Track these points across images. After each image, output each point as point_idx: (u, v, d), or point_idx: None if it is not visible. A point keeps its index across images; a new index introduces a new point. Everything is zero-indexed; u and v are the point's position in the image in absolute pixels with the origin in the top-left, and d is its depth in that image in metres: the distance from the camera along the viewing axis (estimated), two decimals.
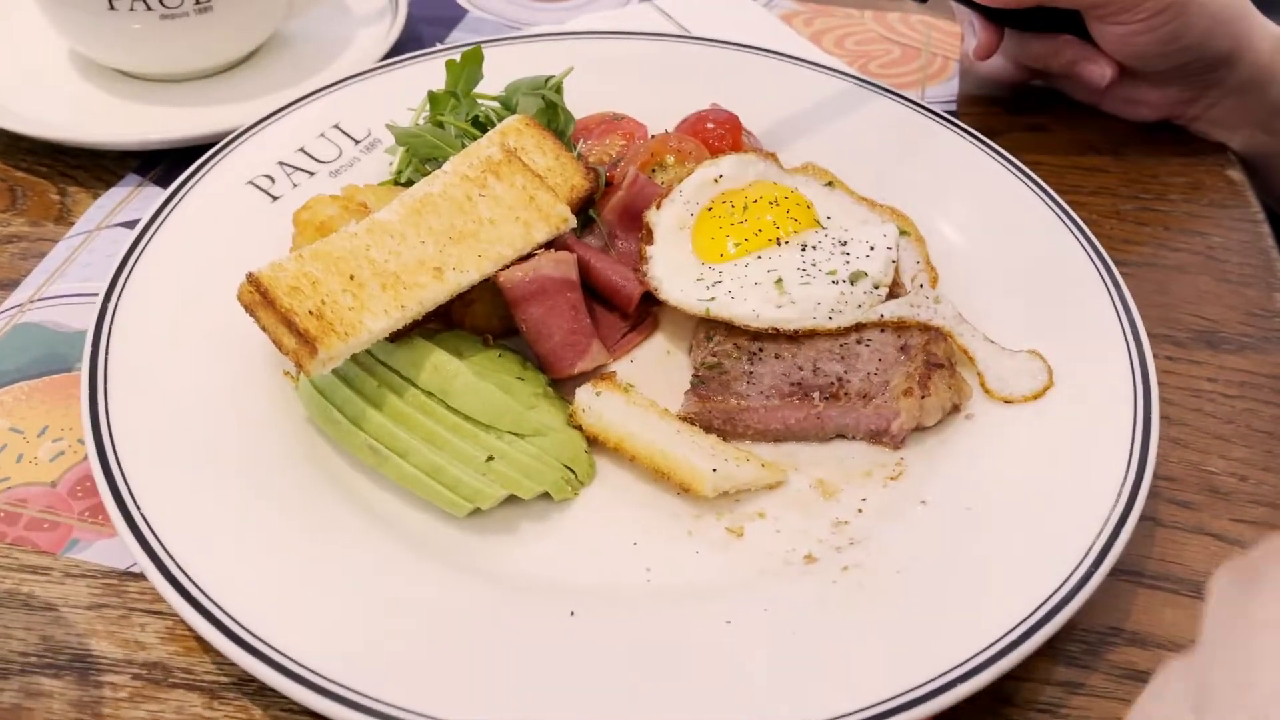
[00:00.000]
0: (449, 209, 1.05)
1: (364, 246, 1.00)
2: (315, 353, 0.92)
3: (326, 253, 0.99)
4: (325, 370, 0.94)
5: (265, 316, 0.95)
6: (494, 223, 1.06)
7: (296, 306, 0.93)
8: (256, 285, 0.94)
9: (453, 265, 1.02)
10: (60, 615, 0.93)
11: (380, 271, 0.99)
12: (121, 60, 1.44)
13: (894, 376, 1.04)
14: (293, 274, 0.96)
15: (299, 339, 0.93)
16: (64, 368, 1.12)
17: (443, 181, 1.07)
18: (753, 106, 1.37)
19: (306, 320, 0.93)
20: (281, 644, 0.83)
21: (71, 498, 1.01)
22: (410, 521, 0.97)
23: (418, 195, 1.06)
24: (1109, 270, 1.17)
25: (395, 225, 1.02)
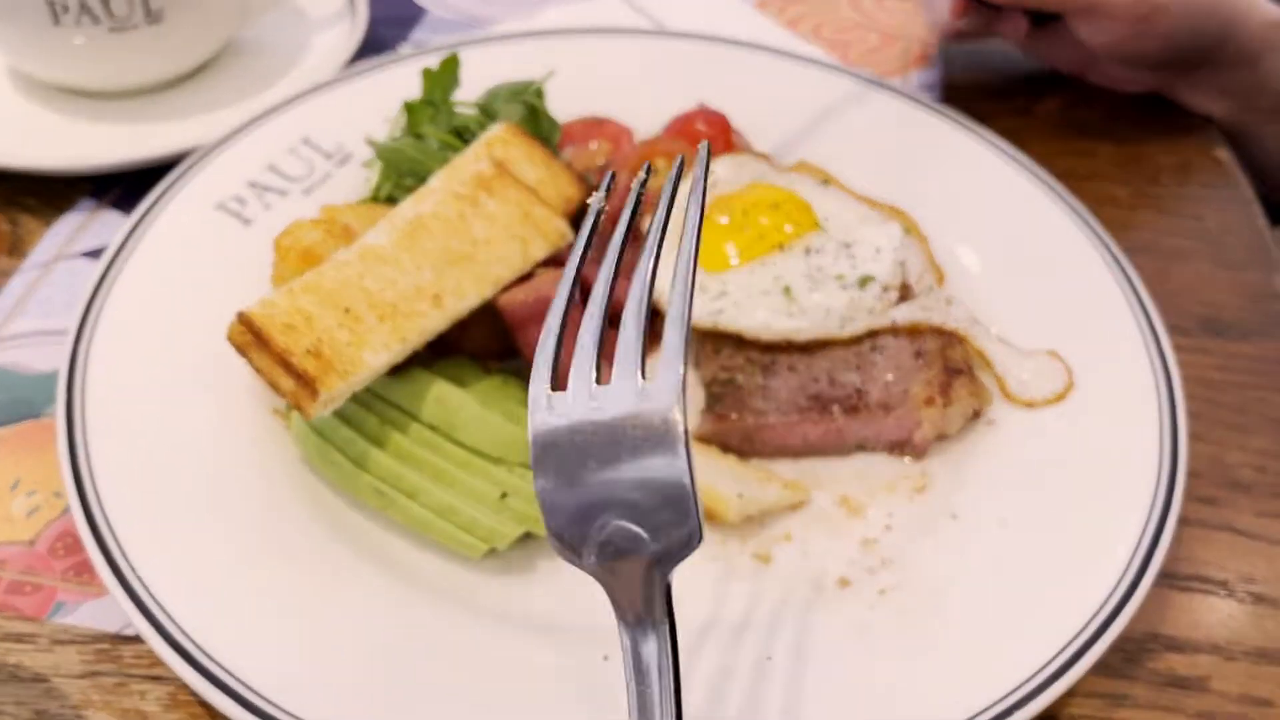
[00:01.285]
0: (442, 231, 0.99)
1: (357, 276, 0.94)
2: (316, 395, 0.86)
3: (318, 285, 0.93)
4: (326, 412, 0.88)
5: (259, 358, 0.89)
6: (490, 243, 1.00)
7: (293, 346, 0.87)
8: (249, 325, 0.88)
9: (451, 291, 0.97)
10: (53, 686, 0.86)
11: (377, 302, 0.93)
12: (67, 77, 1.36)
13: (913, 385, 1.01)
14: (285, 310, 0.90)
15: (297, 381, 0.87)
16: (31, 414, 1.05)
17: (433, 201, 1.01)
18: (737, 104, 1.32)
19: (304, 360, 0.87)
20: (297, 708, 0.78)
21: (52, 557, 0.95)
22: (420, 565, 0.92)
23: (408, 217, 1.00)
24: (1118, 261, 1.14)
25: (388, 251, 0.97)
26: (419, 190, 1.04)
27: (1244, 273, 1.27)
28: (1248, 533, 1.02)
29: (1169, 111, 1.49)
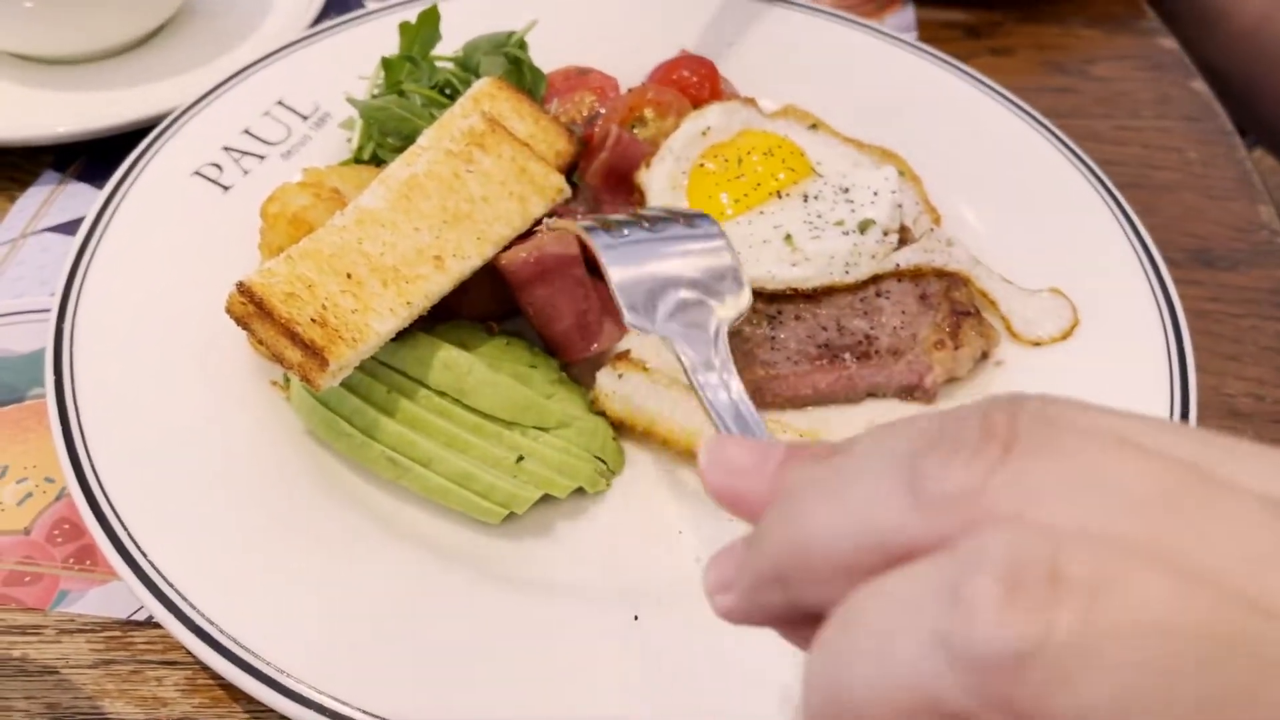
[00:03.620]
0: (438, 190, 0.96)
1: (356, 240, 0.91)
2: (325, 365, 0.83)
3: (316, 251, 0.89)
4: (335, 382, 0.85)
5: (263, 329, 0.85)
6: (487, 200, 0.97)
7: (297, 315, 0.84)
8: (249, 295, 0.84)
9: (452, 252, 0.94)
10: (63, 678, 0.83)
11: (378, 266, 0.90)
12: (21, 43, 1.29)
13: (922, 329, 1.00)
14: (285, 278, 0.86)
15: (305, 351, 0.83)
16: (13, 398, 1.01)
17: (426, 159, 0.98)
18: (718, 49, 1.30)
19: (310, 330, 0.84)
20: (320, 683, 0.76)
21: (50, 544, 0.91)
22: (436, 532, 0.89)
23: (401, 178, 0.96)
24: (1113, 195, 1.14)
25: (384, 213, 0.93)
26: (409, 149, 1.00)
27: (1229, 203, 1.28)
28: None
29: (1146, 47, 1.49)
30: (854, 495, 0.38)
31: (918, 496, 0.36)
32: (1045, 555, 0.32)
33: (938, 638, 0.33)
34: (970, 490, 0.35)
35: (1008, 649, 0.31)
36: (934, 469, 0.36)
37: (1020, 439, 0.36)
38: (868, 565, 0.37)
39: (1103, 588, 0.31)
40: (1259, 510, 0.34)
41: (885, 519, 0.37)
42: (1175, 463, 0.35)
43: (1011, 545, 0.33)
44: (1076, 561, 0.32)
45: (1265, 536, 0.33)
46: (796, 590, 0.40)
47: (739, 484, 0.46)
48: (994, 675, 0.31)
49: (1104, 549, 0.32)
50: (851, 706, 0.35)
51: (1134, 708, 0.31)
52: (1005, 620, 0.31)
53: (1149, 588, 0.32)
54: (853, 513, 0.38)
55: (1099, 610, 0.31)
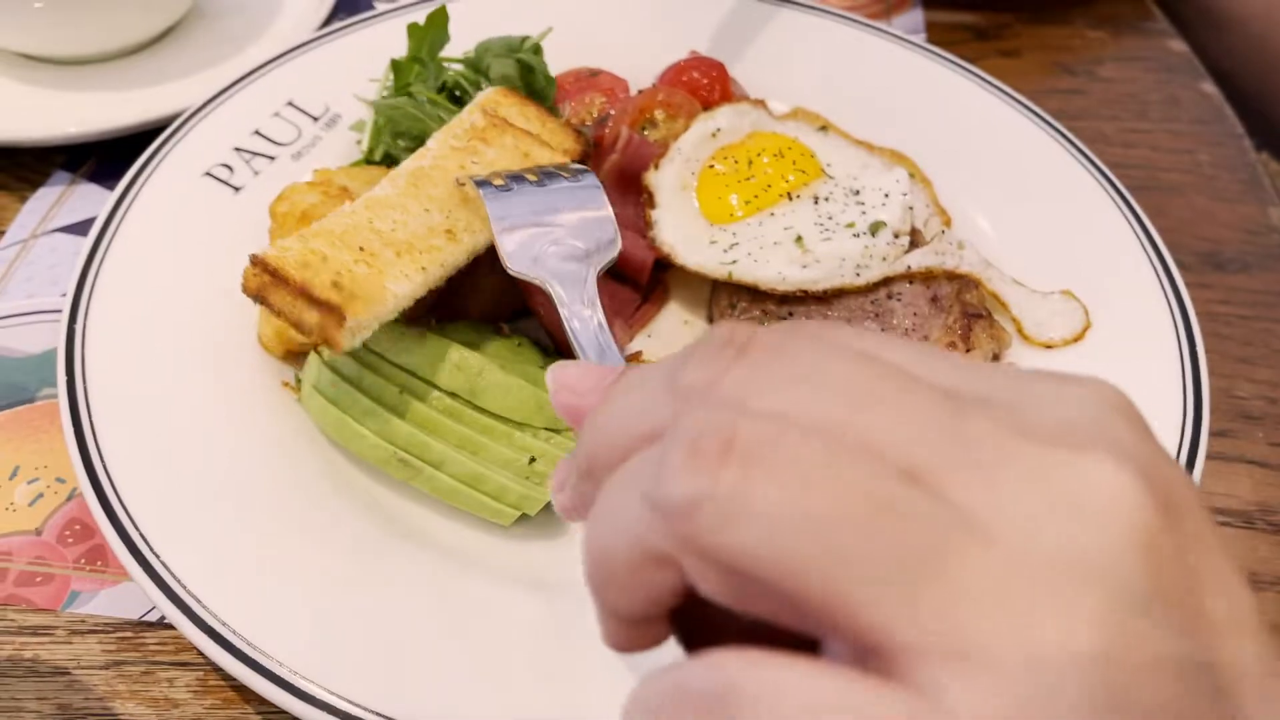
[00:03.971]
0: (445, 178, 0.97)
1: (367, 220, 0.91)
2: (343, 321, 0.83)
3: (329, 230, 0.89)
4: (355, 342, 0.85)
5: (279, 297, 0.85)
6: None
7: (312, 279, 0.84)
8: (263, 266, 0.85)
9: (464, 227, 0.94)
10: (75, 679, 0.83)
11: (391, 240, 0.90)
12: (30, 43, 1.29)
13: (933, 331, 1.00)
14: (299, 252, 0.87)
15: (322, 311, 0.83)
16: (24, 398, 1.01)
17: (432, 155, 0.99)
18: (727, 51, 1.30)
19: (327, 290, 0.84)
20: (333, 684, 0.76)
21: (61, 545, 0.91)
22: (446, 533, 0.89)
23: (409, 170, 0.97)
24: (1124, 197, 1.14)
25: (394, 199, 0.94)
26: (416, 152, 1.01)
27: (1239, 206, 1.28)
28: (1264, 463, 1.03)
29: (1155, 49, 1.49)
30: (636, 393, 0.46)
31: (670, 389, 0.44)
32: (725, 427, 0.39)
33: (643, 494, 0.40)
34: (706, 382, 0.42)
35: (683, 497, 0.38)
36: (682, 369, 0.44)
37: (755, 345, 0.43)
38: (634, 450, 0.44)
39: (766, 452, 0.38)
40: (937, 400, 0.40)
41: (648, 412, 0.44)
42: (881, 364, 0.41)
43: (701, 420, 0.40)
44: (749, 431, 0.39)
45: (933, 418, 0.39)
46: (600, 479, 0.46)
47: (578, 401, 0.53)
48: (676, 519, 0.39)
49: (779, 424, 0.39)
50: (601, 562, 0.43)
51: (779, 547, 0.37)
52: (684, 476, 0.38)
53: (805, 452, 0.38)
54: (629, 409, 0.46)
55: (756, 467, 0.38)
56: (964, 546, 0.36)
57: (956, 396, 0.41)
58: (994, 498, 0.38)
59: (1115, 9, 1.57)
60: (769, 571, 0.37)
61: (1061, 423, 0.40)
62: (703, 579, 0.40)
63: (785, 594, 0.38)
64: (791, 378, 0.41)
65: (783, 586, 0.37)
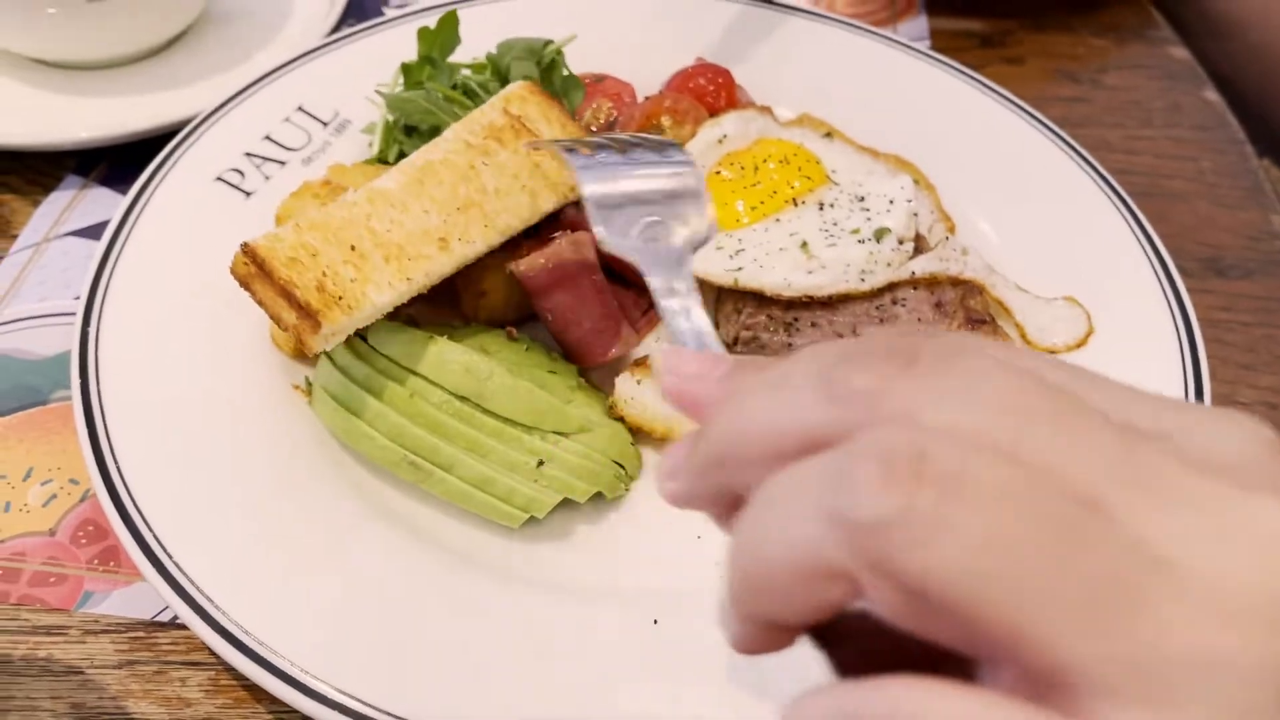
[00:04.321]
0: (452, 178, 0.98)
1: (364, 216, 0.93)
2: (318, 327, 0.86)
3: (325, 222, 0.91)
4: (328, 346, 0.88)
5: (262, 290, 0.88)
6: (500, 192, 0.99)
7: (296, 279, 0.87)
8: (252, 256, 0.87)
9: (458, 236, 0.95)
10: (88, 678, 0.84)
11: (383, 242, 0.92)
12: (44, 49, 1.31)
13: None
14: (290, 244, 0.89)
15: (300, 313, 0.86)
16: (38, 400, 1.02)
17: (444, 149, 1.00)
18: (733, 57, 1.31)
19: (308, 293, 0.86)
20: (345, 684, 0.77)
21: (75, 545, 0.92)
22: (455, 535, 0.90)
23: (418, 163, 0.98)
24: (1126, 204, 1.15)
25: (396, 194, 0.95)
26: (432, 141, 1.02)
27: (1242, 212, 1.29)
28: None
29: (1158, 56, 1.50)
30: (782, 392, 0.45)
31: (829, 394, 0.43)
32: (916, 445, 0.39)
33: (827, 509, 0.40)
34: (872, 391, 0.42)
35: (877, 515, 0.38)
36: (846, 373, 0.43)
37: (922, 357, 0.43)
38: (787, 451, 0.44)
39: (958, 472, 0.38)
40: (1105, 425, 0.40)
41: (802, 411, 0.44)
42: (1048, 385, 0.42)
43: (890, 437, 0.40)
44: (940, 452, 0.39)
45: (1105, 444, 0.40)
46: (731, 472, 0.46)
47: (691, 387, 0.52)
48: (866, 537, 0.38)
49: (966, 444, 0.39)
50: (762, 570, 0.42)
51: (971, 572, 0.37)
52: (877, 494, 0.38)
53: (995, 474, 0.38)
54: (779, 405, 0.45)
55: (952, 490, 0.38)
56: (1152, 582, 0.37)
57: (1123, 422, 0.41)
58: (1173, 531, 0.38)
59: (1118, 16, 1.58)
60: (958, 596, 0.37)
61: (1227, 460, 0.40)
62: (882, 598, 0.39)
63: (970, 619, 0.38)
64: (961, 393, 0.41)
65: (969, 612, 0.37)
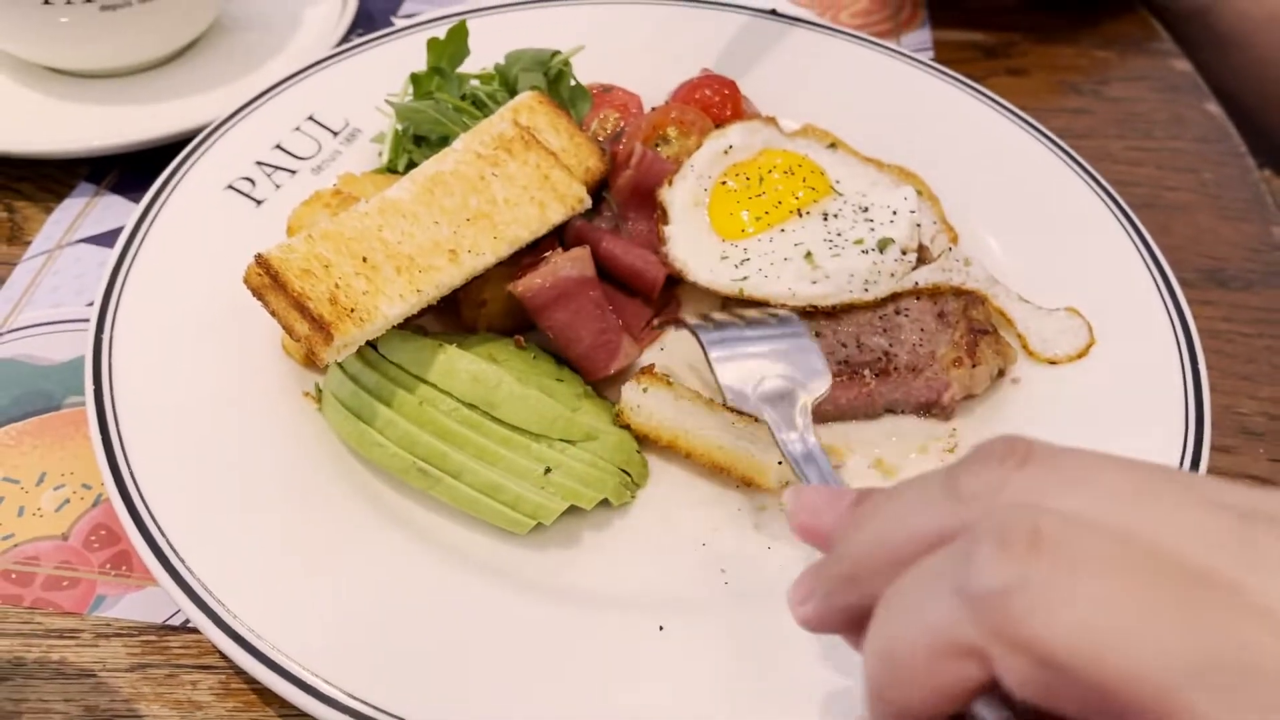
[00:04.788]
0: (462, 188, 0.99)
1: (376, 227, 0.94)
2: (331, 339, 0.87)
3: (337, 233, 0.93)
4: (339, 357, 0.89)
5: (275, 301, 0.89)
6: (509, 203, 1.00)
7: (309, 290, 0.88)
8: (266, 267, 0.89)
9: (468, 247, 0.97)
10: (100, 681, 0.86)
11: (394, 254, 0.93)
12: (58, 58, 1.32)
13: (940, 346, 1.02)
14: (303, 255, 0.90)
15: (313, 324, 0.88)
16: (50, 406, 1.03)
17: (454, 159, 1.01)
18: (738, 69, 1.32)
19: (321, 305, 0.88)
20: (355, 688, 0.78)
21: (87, 550, 0.93)
22: (463, 541, 0.92)
23: (429, 173, 1.00)
24: (1127, 216, 1.16)
25: (407, 205, 0.96)
26: (443, 150, 1.03)
27: (1243, 224, 1.30)
28: (1266, 479, 1.04)
29: (1160, 69, 1.51)
30: (908, 503, 0.49)
31: (954, 495, 0.46)
32: (1031, 520, 0.42)
33: (954, 589, 0.42)
34: (994, 486, 0.45)
35: (998, 585, 0.40)
36: (965, 475, 0.47)
37: (1035, 454, 0.46)
38: (915, 555, 0.47)
39: (1072, 547, 0.41)
40: (1219, 508, 0.43)
41: (927, 515, 0.47)
42: (1163, 474, 0.45)
43: (1006, 517, 0.42)
44: (1054, 525, 0.41)
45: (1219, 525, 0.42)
46: (867, 584, 0.49)
47: (817, 522, 0.56)
48: (989, 608, 0.41)
49: (1075, 521, 0.42)
50: (896, 657, 0.44)
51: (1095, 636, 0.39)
52: (996, 566, 0.41)
53: (1110, 547, 0.41)
54: (908, 514, 0.48)
55: (1066, 558, 0.40)
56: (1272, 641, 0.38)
57: (1235, 508, 0.43)
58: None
59: (1121, 29, 1.59)
60: (1083, 660, 0.39)
61: None
62: (1011, 670, 0.40)
63: (1097, 686, 0.39)
64: (1075, 483, 0.44)
65: (1095, 677, 0.39)
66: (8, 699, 0.84)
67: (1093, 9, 1.60)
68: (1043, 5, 1.59)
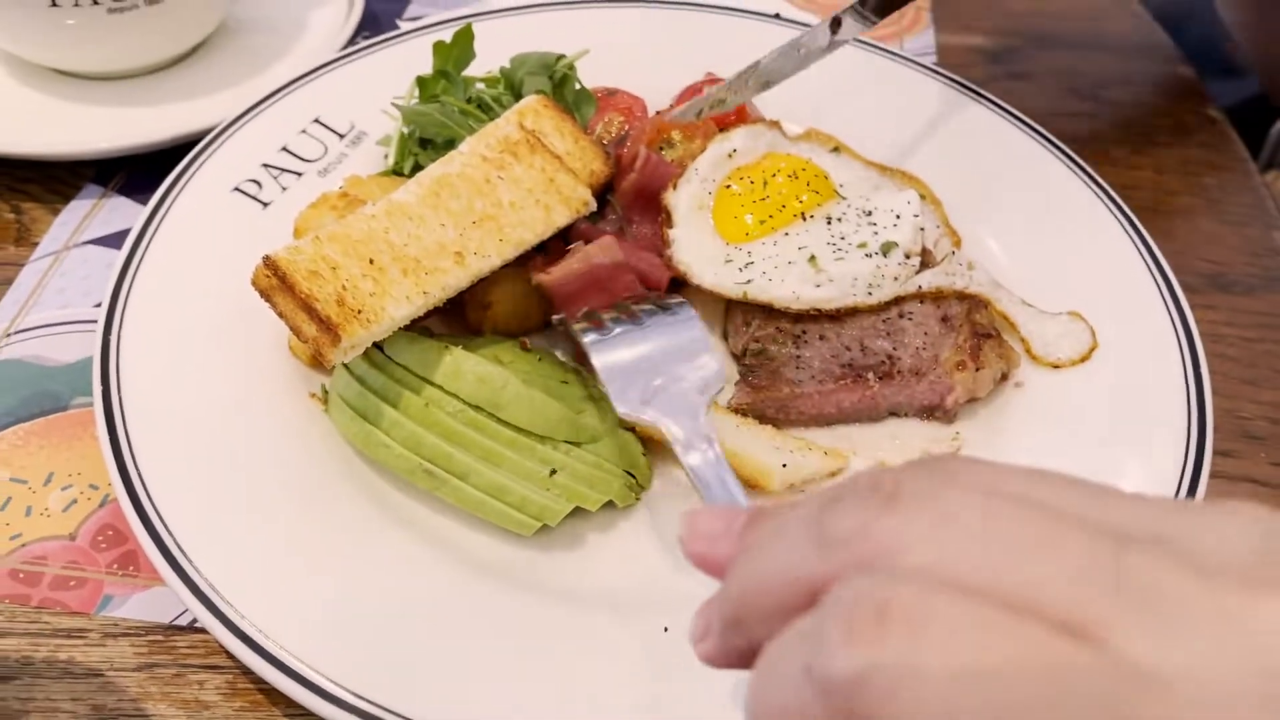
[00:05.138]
0: (468, 191, 1.00)
1: (383, 229, 0.95)
2: (338, 341, 0.88)
3: (344, 235, 0.93)
4: (346, 359, 0.90)
5: (283, 302, 0.90)
6: (514, 206, 1.01)
7: (317, 292, 0.89)
8: (274, 269, 0.89)
9: (474, 250, 0.97)
10: (108, 680, 0.86)
11: (400, 256, 0.94)
12: (65, 60, 1.33)
13: (943, 350, 1.03)
14: (310, 257, 0.91)
15: (320, 326, 0.88)
16: (58, 406, 1.04)
17: (460, 162, 1.02)
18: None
19: (328, 307, 0.88)
20: (362, 689, 0.78)
21: (95, 550, 0.94)
22: (468, 542, 0.92)
23: (435, 175, 1.00)
24: (1130, 220, 1.16)
25: (413, 207, 0.97)
26: (449, 154, 1.03)
27: (1245, 229, 1.30)
28: (1267, 483, 1.05)
29: (1162, 73, 1.52)
30: (781, 546, 0.47)
31: (818, 541, 0.44)
32: (880, 596, 0.39)
33: (805, 669, 0.41)
34: (856, 533, 0.43)
35: (847, 673, 0.39)
36: (829, 518, 0.45)
37: (903, 492, 0.43)
38: (794, 601, 0.45)
39: (921, 623, 0.38)
40: (1094, 541, 0.40)
41: (799, 563, 0.45)
42: (1031, 506, 0.42)
43: (857, 591, 0.40)
44: (905, 597, 0.39)
45: (1092, 563, 0.39)
46: (751, 630, 0.47)
47: (711, 549, 0.54)
48: (839, 694, 0.39)
49: (931, 589, 0.39)
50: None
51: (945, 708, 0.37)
52: (845, 651, 0.39)
53: (962, 621, 0.38)
54: (779, 560, 0.47)
55: (917, 635, 0.38)
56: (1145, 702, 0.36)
57: (1112, 533, 0.40)
58: (1165, 645, 0.37)
59: (1123, 33, 1.59)
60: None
61: (1225, 557, 0.39)
62: None
63: None
64: (940, 528, 0.41)
65: None
66: (15, 698, 0.84)
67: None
68: None
